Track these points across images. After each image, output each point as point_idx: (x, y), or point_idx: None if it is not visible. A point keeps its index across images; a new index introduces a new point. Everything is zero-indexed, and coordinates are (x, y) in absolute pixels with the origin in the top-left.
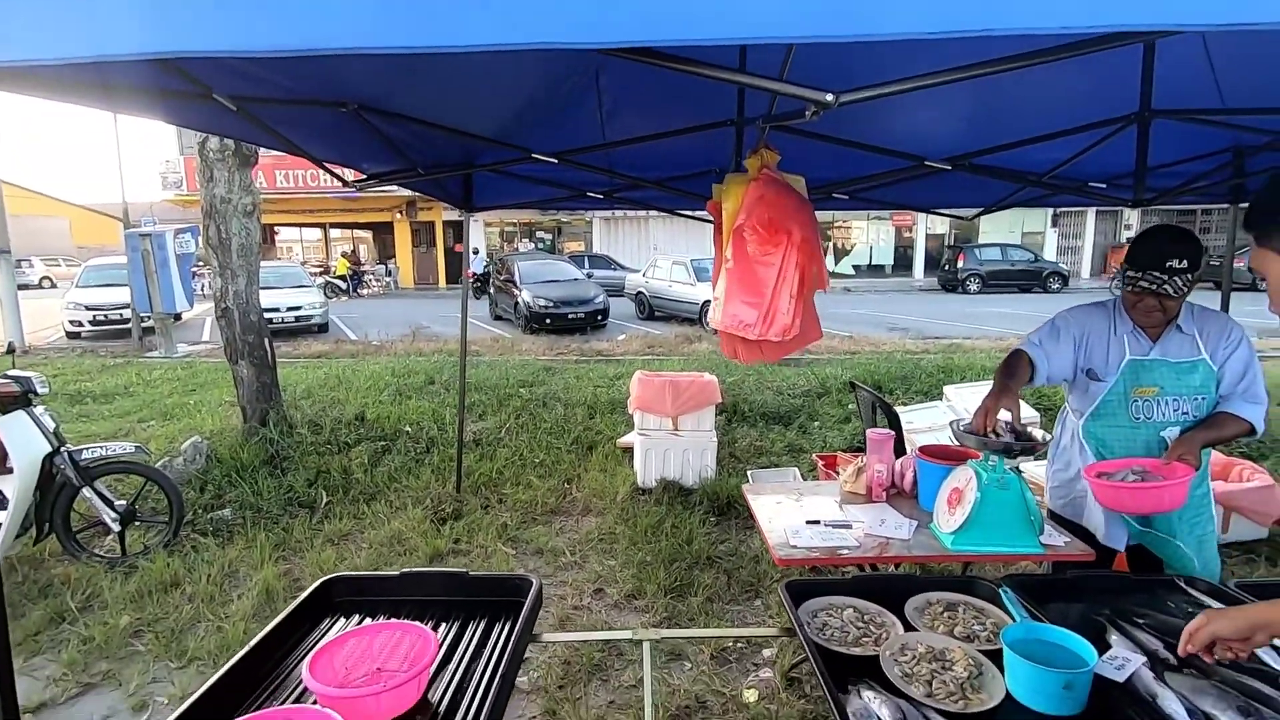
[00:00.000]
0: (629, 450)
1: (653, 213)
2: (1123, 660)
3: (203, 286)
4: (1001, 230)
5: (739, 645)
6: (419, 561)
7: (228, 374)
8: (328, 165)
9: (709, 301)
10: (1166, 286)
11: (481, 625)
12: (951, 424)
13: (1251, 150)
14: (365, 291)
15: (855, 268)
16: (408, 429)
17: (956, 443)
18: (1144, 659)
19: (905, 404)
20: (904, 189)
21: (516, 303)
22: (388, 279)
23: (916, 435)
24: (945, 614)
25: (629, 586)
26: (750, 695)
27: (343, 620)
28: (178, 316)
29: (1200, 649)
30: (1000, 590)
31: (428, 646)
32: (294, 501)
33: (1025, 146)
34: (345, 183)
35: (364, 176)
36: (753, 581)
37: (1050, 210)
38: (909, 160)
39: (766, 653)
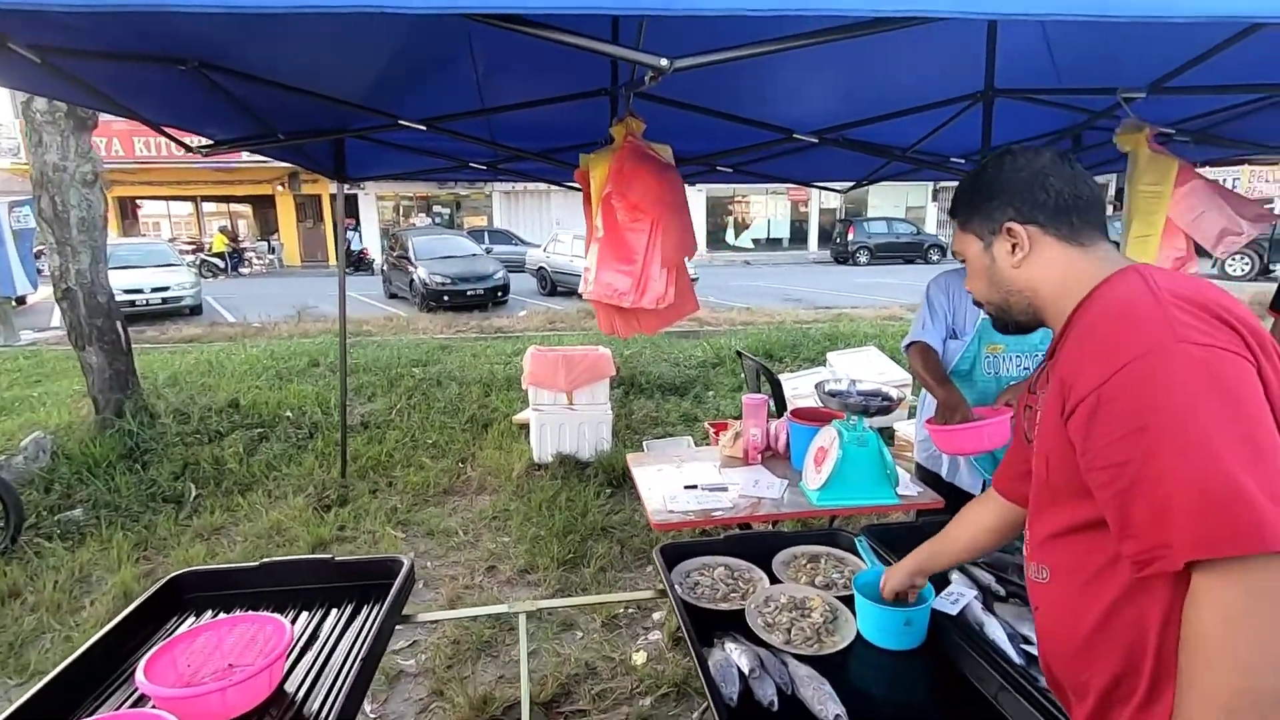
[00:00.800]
0: (525, 427)
1: (555, 186)
2: (957, 595)
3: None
4: (887, 205)
5: (630, 611)
6: (301, 552)
7: (78, 363)
8: (166, 130)
9: None
10: None
11: (348, 611)
12: (816, 386)
13: (1087, 129)
14: (246, 270)
15: (754, 241)
16: (288, 414)
17: (822, 405)
18: (976, 593)
19: (794, 370)
20: (784, 163)
21: (412, 280)
22: (271, 257)
23: (799, 400)
24: (809, 565)
25: (522, 562)
26: (639, 658)
27: (193, 618)
28: (20, 300)
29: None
30: (856, 540)
31: (283, 637)
32: (157, 497)
33: (887, 121)
34: (188, 149)
35: (210, 142)
36: (645, 549)
37: (931, 185)
38: (779, 133)
39: (656, 616)
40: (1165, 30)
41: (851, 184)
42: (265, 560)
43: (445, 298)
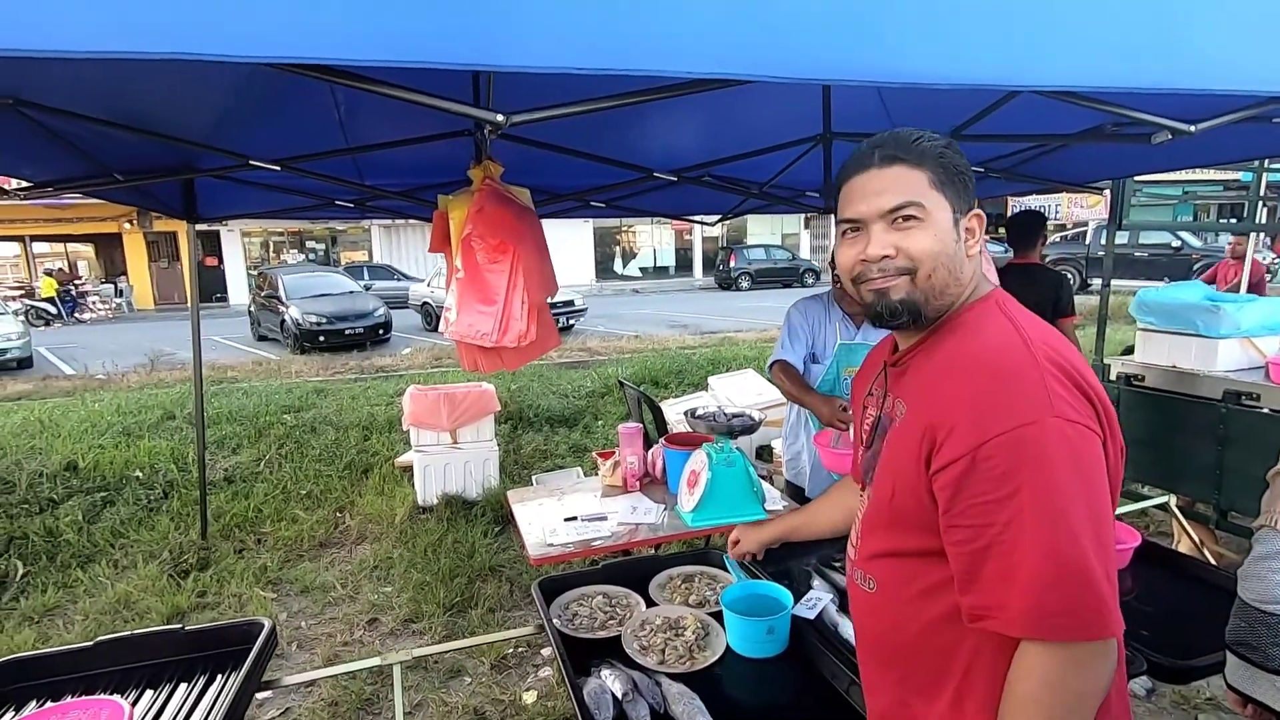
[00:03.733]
0: (408, 469)
1: None
2: (815, 600)
3: None
4: (765, 232)
5: (520, 650)
6: (155, 625)
7: None
8: None
9: None
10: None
11: (200, 683)
12: (685, 413)
13: None
14: (88, 316)
15: (642, 270)
16: (138, 474)
17: (692, 429)
18: (832, 596)
19: (678, 396)
20: (653, 198)
21: (283, 321)
22: (118, 300)
23: (682, 425)
24: (683, 585)
25: (406, 612)
26: (529, 697)
27: (12, 712)
28: None
29: (738, 558)
30: (724, 556)
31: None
32: None
33: (742, 160)
34: (3, 191)
35: (29, 184)
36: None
37: (802, 215)
38: (640, 172)
39: (546, 651)
40: (962, 89)
41: (718, 216)
42: (101, 639)
43: (321, 338)
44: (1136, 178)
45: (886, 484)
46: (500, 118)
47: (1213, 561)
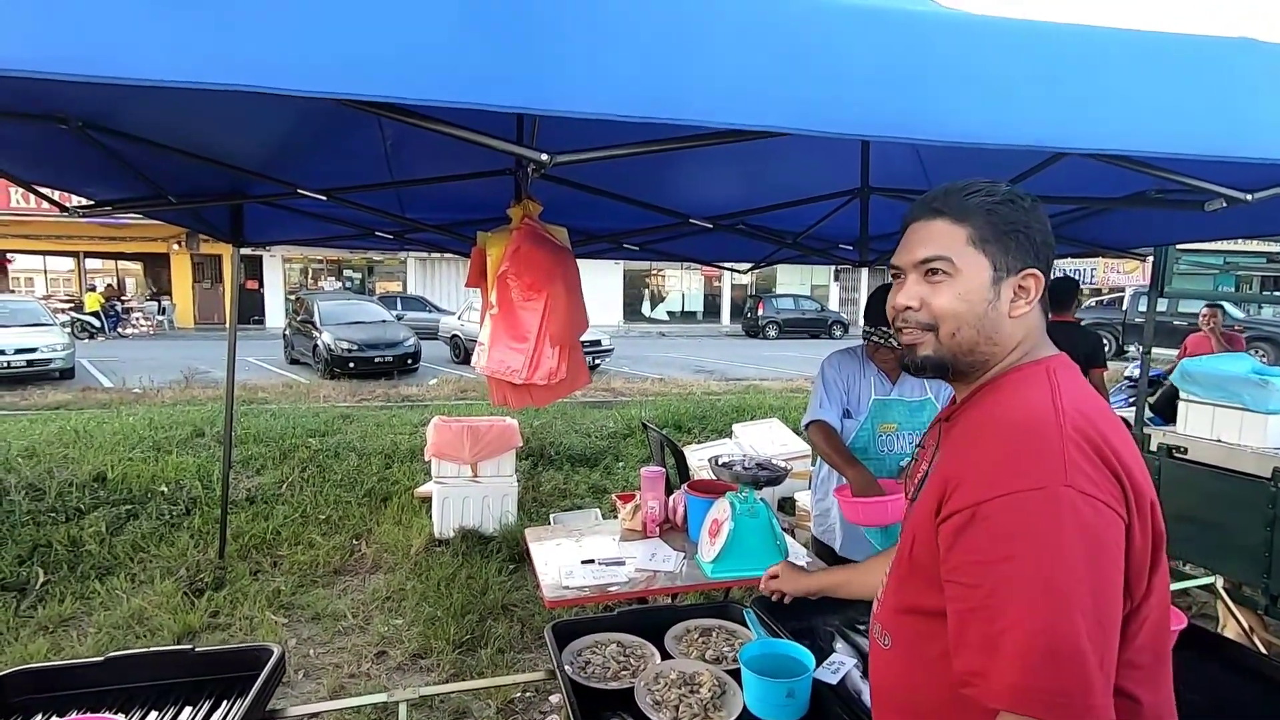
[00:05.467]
0: (427, 500)
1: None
2: (838, 664)
3: None
4: (794, 283)
5: (527, 695)
6: (165, 643)
7: None
8: (36, 187)
9: None
10: (893, 340)
11: (205, 708)
12: (710, 460)
13: None
14: (130, 331)
15: (670, 314)
16: (163, 488)
17: (716, 477)
18: (856, 661)
19: (701, 441)
20: (687, 243)
21: (315, 345)
22: (161, 318)
23: (704, 472)
24: (700, 639)
25: (415, 646)
26: None
27: None
28: None
29: (770, 593)
30: (745, 611)
31: None
32: None
33: (779, 210)
34: (63, 209)
35: (90, 202)
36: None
37: (833, 267)
38: (676, 217)
39: (554, 699)
40: (1006, 150)
41: (751, 265)
42: (112, 654)
43: (351, 364)
44: (1179, 245)
45: (909, 536)
46: (545, 157)
47: (1263, 650)
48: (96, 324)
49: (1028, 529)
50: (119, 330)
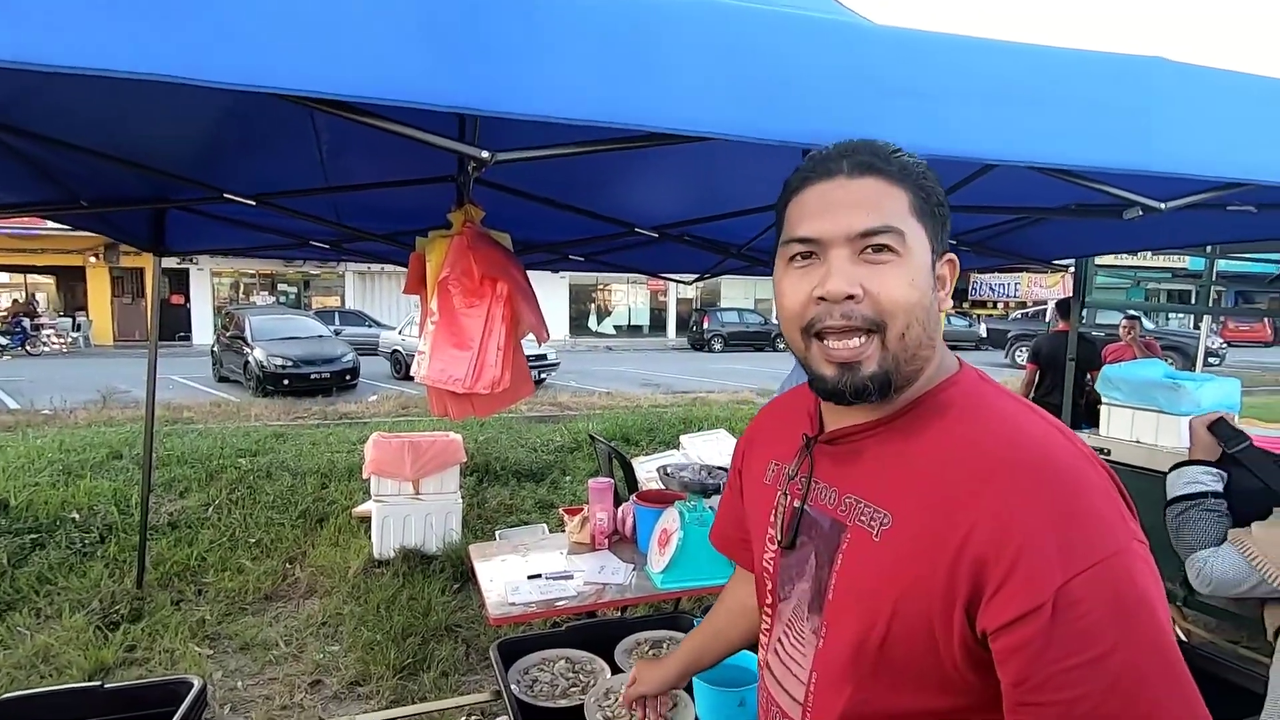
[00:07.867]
0: (366, 520)
1: None
2: None
3: None
4: (739, 296)
5: (472, 718)
6: (73, 681)
7: None
8: None
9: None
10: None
11: None
12: (658, 469)
13: None
14: (42, 349)
15: (616, 328)
16: (74, 515)
17: (665, 486)
18: None
19: (648, 453)
20: (633, 254)
21: (247, 362)
22: (75, 334)
23: (654, 483)
24: (651, 652)
25: (353, 673)
26: None
27: None
28: None
29: (631, 706)
30: (694, 620)
31: None
32: None
33: (722, 220)
34: None
35: None
36: None
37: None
38: (622, 227)
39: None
40: (939, 160)
41: (696, 275)
42: (7, 696)
43: (285, 381)
44: (1096, 260)
45: (863, 621)
46: (486, 154)
47: (1184, 638)
48: (3, 341)
49: (1122, 607)
50: (27, 348)
